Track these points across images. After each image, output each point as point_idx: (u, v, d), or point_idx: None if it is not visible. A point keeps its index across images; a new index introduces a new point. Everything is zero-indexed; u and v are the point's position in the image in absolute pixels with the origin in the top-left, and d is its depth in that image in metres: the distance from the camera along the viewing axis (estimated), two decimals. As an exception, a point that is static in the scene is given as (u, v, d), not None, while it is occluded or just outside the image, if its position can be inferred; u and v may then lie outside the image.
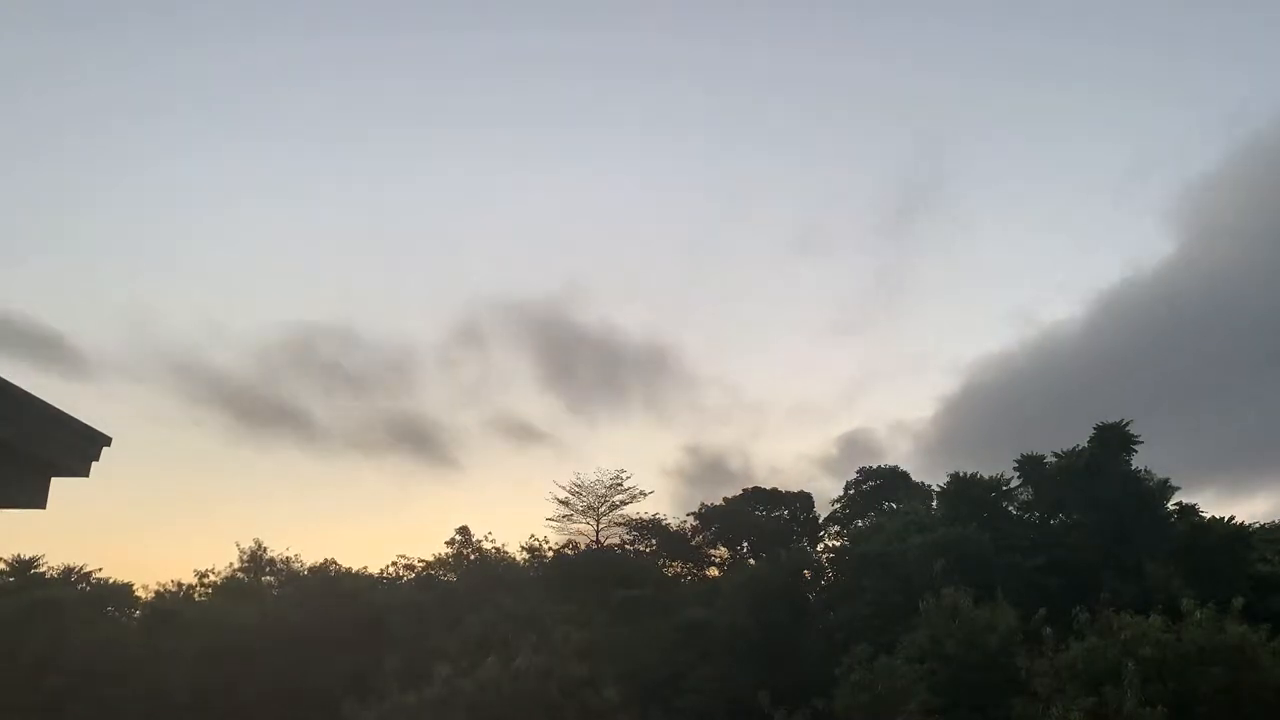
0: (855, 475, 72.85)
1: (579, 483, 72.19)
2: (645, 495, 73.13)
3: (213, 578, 59.24)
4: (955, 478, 51.07)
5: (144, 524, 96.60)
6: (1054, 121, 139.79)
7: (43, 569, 53.38)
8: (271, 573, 60.24)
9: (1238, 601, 24.50)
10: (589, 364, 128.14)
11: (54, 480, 5.47)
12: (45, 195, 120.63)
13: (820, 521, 73.13)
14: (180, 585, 58.00)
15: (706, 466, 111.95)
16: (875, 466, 73.01)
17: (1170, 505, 48.56)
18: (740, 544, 71.77)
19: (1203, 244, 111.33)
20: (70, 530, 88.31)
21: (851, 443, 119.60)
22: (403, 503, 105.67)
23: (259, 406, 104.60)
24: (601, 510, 72.71)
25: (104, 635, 46.60)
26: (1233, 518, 46.61)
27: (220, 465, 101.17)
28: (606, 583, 54.53)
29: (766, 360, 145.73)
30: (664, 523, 72.48)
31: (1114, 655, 23.44)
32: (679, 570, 71.50)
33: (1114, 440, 47.84)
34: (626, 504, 72.79)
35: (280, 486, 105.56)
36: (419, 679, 27.25)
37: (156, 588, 57.33)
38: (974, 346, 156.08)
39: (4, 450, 5.00)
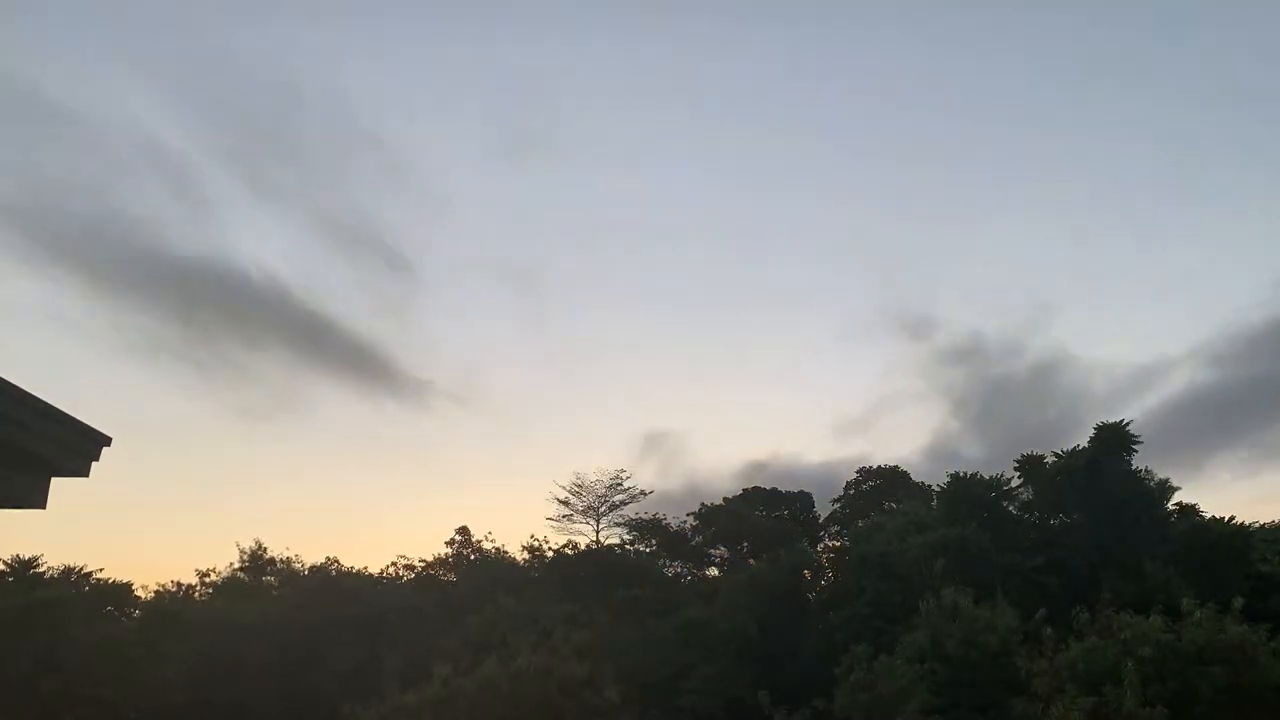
0: (855, 475, 73.00)
1: (579, 483, 72.30)
2: (645, 495, 73.22)
3: (213, 578, 59.33)
4: (955, 478, 51.06)
5: (144, 524, 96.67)
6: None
7: (42, 569, 53.29)
8: (272, 573, 60.24)
9: (1238, 601, 24.48)
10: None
11: (54, 480, 5.46)
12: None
13: (820, 521, 73.19)
14: (180, 585, 58.07)
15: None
16: (875, 467, 73.13)
17: (1170, 505, 48.56)
18: (740, 544, 71.77)
19: None
20: (70, 530, 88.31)
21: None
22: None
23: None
24: (601, 510, 72.79)
25: (103, 635, 46.54)
26: (1233, 518, 46.62)
27: (220, 465, 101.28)
28: (606, 583, 54.51)
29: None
30: (664, 523, 72.54)
31: (1114, 655, 23.42)
32: (679, 570, 71.52)
33: (1114, 440, 47.83)
34: (626, 504, 72.88)
35: (280, 485, 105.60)
36: (419, 679, 27.25)
37: (156, 588, 57.42)
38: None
39: (4, 450, 4.99)
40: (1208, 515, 47.51)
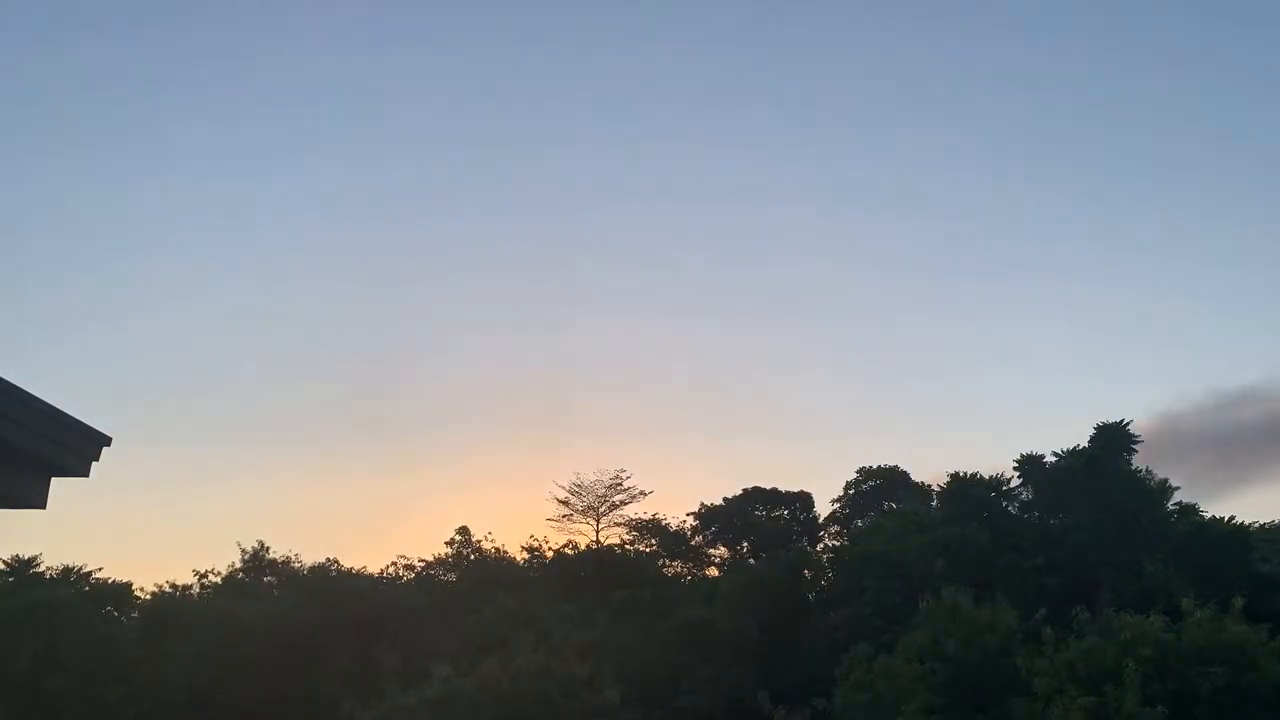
0: (855, 475, 72.88)
1: (579, 483, 72.18)
2: (645, 495, 73.12)
3: (213, 578, 59.29)
4: (955, 477, 51.06)
5: (144, 524, 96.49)
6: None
7: (42, 569, 53.26)
8: (272, 573, 60.21)
9: (1238, 601, 24.51)
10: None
11: (54, 480, 5.45)
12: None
13: (820, 521, 73.11)
14: (180, 585, 58.01)
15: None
16: (875, 466, 73.01)
17: (1170, 505, 48.53)
18: (740, 544, 71.71)
19: None
20: (70, 530, 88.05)
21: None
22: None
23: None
24: (601, 510, 72.69)
25: (103, 635, 46.52)
26: (1233, 518, 46.60)
27: (220, 464, 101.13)
28: (606, 583, 54.47)
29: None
30: (664, 523, 72.48)
31: (1114, 655, 23.43)
32: (679, 570, 71.45)
33: (1114, 440, 47.81)
34: (626, 504, 72.78)
35: (280, 484, 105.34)
36: (419, 679, 27.26)
37: (156, 588, 57.34)
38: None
39: (4, 450, 4.98)
40: (1207, 515, 47.52)
